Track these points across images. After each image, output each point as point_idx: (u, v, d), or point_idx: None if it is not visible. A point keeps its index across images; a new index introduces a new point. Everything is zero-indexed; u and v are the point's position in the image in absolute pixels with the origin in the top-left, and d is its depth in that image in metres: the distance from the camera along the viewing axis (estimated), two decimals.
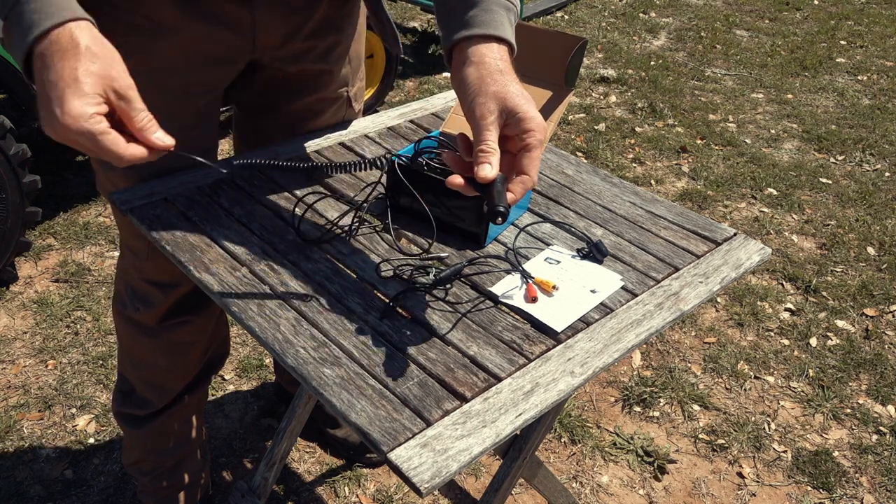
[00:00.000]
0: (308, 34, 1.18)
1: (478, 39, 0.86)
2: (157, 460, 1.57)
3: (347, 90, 1.33)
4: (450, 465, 0.74)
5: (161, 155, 0.82)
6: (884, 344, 2.38)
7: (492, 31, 0.86)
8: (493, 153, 0.81)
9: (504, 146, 0.84)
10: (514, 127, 0.82)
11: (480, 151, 0.81)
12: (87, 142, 0.76)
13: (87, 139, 0.76)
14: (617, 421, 2.08)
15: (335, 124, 1.35)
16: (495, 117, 0.82)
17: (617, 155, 3.43)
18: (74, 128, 0.75)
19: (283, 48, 1.17)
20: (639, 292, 1.00)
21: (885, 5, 5.80)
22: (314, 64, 1.23)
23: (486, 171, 0.80)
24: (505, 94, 0.82)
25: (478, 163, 0.80)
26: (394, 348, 0.88)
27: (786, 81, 4.34)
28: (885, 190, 3.26)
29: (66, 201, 2.83)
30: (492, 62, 0.85)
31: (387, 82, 3.48)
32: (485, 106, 0.82)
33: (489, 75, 0.83)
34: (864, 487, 1.92)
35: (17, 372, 2.10)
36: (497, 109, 0.82)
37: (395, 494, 1.83)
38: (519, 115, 0.82)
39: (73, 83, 0.75)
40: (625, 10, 5.37)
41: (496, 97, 0.82)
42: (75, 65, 0.75)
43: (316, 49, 1.21)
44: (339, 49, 1.25)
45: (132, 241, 1.28)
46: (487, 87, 0.83)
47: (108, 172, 1.19)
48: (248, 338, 2.26)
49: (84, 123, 0.75)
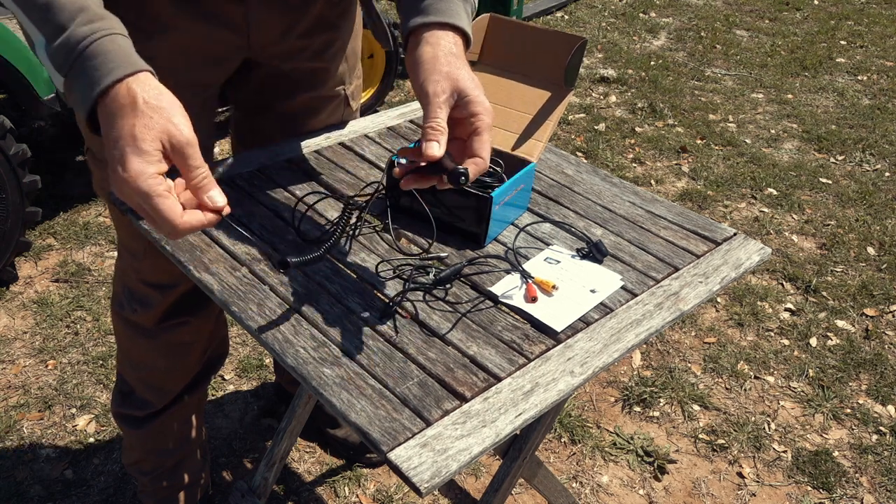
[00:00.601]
0: (303, 32, 1.18)
1: (434, 26, 0.88)
2: (156, 460, 1.57)
3: (344, 88, 1.33)
4: (449, 465, 0.74)
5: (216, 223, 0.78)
6: (884, 344, 2.38)
7: (448, 19, 0.88)
8: (442, 132, 0.82)
9: (454, 131, 0.84)
10: (463, 109, 0.83)
11: (429, 128, 0.82)
12: (145, 202, 0.73)
13: (144, 199, 0.73)
14: (617, 421, 2.08)
15: (333, 123, 1.35)
16: (447, 97, 0.83)
17: (617, 155, 3.43)
18: (134, 186, 0.73)
19: (278, 46, 1.17)
20: (639, 292, 1.00)
21: (885, 5, 5.80)
22: (310, 62, 1.23)
23: (434, 148, 0.81)
24: (457, 76, 0.83)
25: (426, 139, 0.81)
26: (394, 348, 0.88)
27: (786, 81, 4.34)
28: (885, 190, 3.26)
29: (66, 201, 2.83)
30: (446, 45, 0.86)
31: (387, 82, 3.49)
32: (438, 84, 0.83)
33: (443, 56, 0.85)
34: (864, 487, 1.92)
35: (17, 372, 2.10)
36: (449, 89, 0.83)
37: (395, 494, 1.83)
38: (468, 97, 0.83)
39: (132, 140, 0.73)
40: (625, 10, 5.37)
41: (448, 77, 0.83)
42: (133, 121, 0.74)
43: (311, 47, 1.21)
44: (335, 47, 1.25)
45: (130, 241, 1.28)
46: (441, 66, 0.84)
47: (103, 172, 1.19)
48: (248, 338, 2.26)
49: (142, 182, 0.73)
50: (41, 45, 0.78)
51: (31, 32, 0.79)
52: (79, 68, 0.75)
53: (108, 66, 0.75)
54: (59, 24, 0.76)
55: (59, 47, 0.76)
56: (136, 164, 0.73)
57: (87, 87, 0.75)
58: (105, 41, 0.76)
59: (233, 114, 1.40)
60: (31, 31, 0.79)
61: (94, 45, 0.75)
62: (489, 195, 1.02)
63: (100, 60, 0.75)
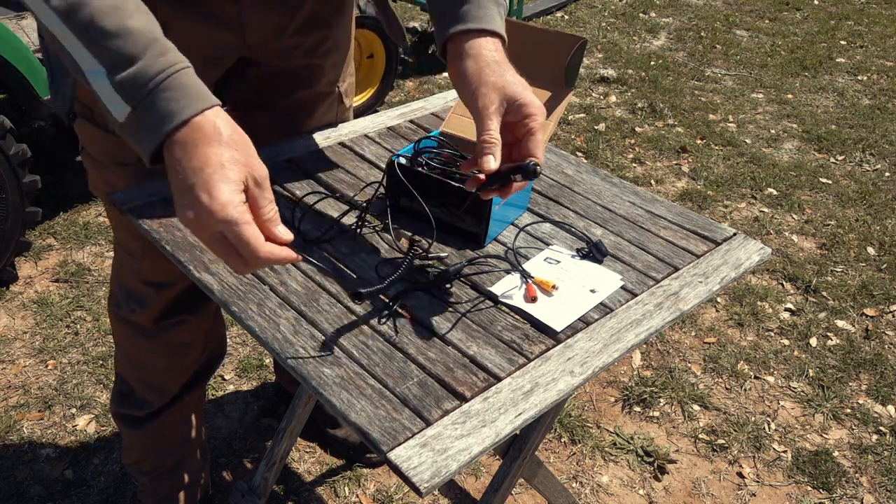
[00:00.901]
0: (296, 30, 1.19)
1: (473, 34, 0.90)
2: (156, 460, 1.57)
3: (338, 85, 1.34)
4: (449, 465, 0.74)
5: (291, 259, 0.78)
6: (884, 344, 2.38)
7: (485, 25, 0.90)
8: (496, 144, 0.85)
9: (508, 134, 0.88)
10: (516, 113, 0.86)
11: (483, 142, 0.85)
12: (230, 229, 0.73)
13: (230, 226, 0.73)
14: (617, 421, 2.08)
15: (329, 121, 1.35)
16: (496, 107, 0.86)
17: (617, 155, 3.43)
18: (221, 215, 0.73)
19: (272, 44, 1.18)
20: (638, 292, 1.00)
21: (885, 5, 5.80)
22: (304, 59, 1.24)
23: (490, 162, 0.85)
24: (503, 83, 0.86)
25: (482, 154, 0.85)
26: (394, 348, 0.88)
27: (786, 81, 4.34)
28: (885, 190, 3.26)
29: (66, 201, 2.83)
30: (488, 54, 0.88)
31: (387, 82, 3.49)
32: (486, 97, 0.86)
33: (487, 67, 0.87)
34: (864, 487, 1.92)
35: (17, 372, 2.10)
36: (497, 100, 0.86)
37: (395, 494, 1.83)
38: (519, 101, 0.86)
39: (219, 169, 0.74)
40: (625, 10, 5.37)
41: (495, 87, 0.86)
42: (220, 151, 0.75)
43: (305, 44, 1.22)
44: (328, 44, 1.26)
45: (128, 241, 1.28)
46: (486, 78, 0.87)
47: (100, 172, 1.19)
48: (248, 338, 2.26)
49: (232, 210, 0.73)
50: (98, 74, 0.76)
51: (82, 59, 0.77)
52: (152, 99, 0.75)
53: (186, 98, 0.76)
54: (130, 55, 0.75)
55: (129, 78, 0.75)
56: (226, 193, 0.73)
57: (162, 118, 0.75)
58: (181, 75, 0.77)
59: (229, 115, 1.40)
60: (82, 59, 0.77)
61: (170, 78, 0.76)
62: None
63: (177, 93, 0.76)
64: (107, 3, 0.76)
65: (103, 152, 1.16)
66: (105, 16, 0.76)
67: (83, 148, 1.20)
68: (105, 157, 1.16)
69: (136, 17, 0.77)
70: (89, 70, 0.77)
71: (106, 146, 1.15)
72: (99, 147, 1.16)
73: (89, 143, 1.18)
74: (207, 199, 0.73)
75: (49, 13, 0.76)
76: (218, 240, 0.75)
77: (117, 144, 1.14)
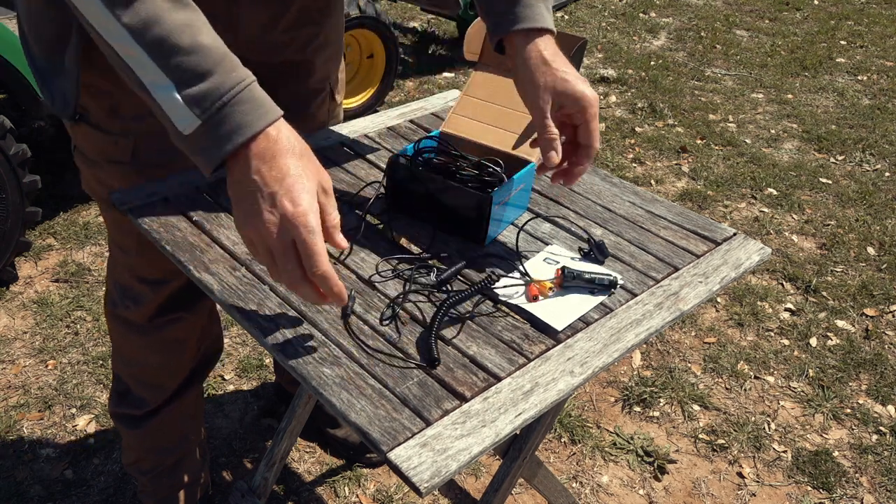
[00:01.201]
0: (286, 26, 1.19)
1: (526, 33, 0.98)
2: (156, 459, 1.57)
3: (329, 82, 1.34)
4: (449, 465, 0.74)
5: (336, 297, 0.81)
6: (884, 344, 2.38)
7: (537, 24, 0.98)
8: (556, 139, 0.96)
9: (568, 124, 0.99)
10: (572, 105, 0.96)
11: (546, 139, 0.96)
12: (305, 238, 0.76)
13: (306, 235, 0.76)
14: (617, 421, 2.08)
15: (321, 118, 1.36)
16: (550, 106, 0.96)
17: (617, 155, 3.43)
18: (302, 220, 0.76)
19: (263, 40, 1.18)
20: (638, 292, 1.00)
21: (885, 5, 5.80)
22: (295, 55, 1.24)
23: (554, 157, 0.97)
24: (554, 82, 0.96)
25: (546, 151, 0.97)
26: (394, 348, 0.88)
27: (786, 81, 4.34)
28: (885, 190, 3.26)
29: (66, 201, 2.84)
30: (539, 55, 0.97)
31: (387, 82, 3.48)
32: (541, 99, 0.96)
33: (538, 68, 0.97)
34: (864, 487, 1.92)
35: (17, 372, 2.10)
36: (551, 99, 0.96)
37: (395, 494, 1.83)
38: (573, 95, 0.95)
39: (299, 179, 0.78)
40: (625, 10, 5.37)
41: (548, 88, 0.96)
42: (296, 161, 0.79)
43: (296, 41, 1.23)
44: (318, 41, 1.27)
45: (121, 237, 1.28)
46: (538, 79, 0.96)
47: (94, 171, 1.19)
48: (248, 338, 2.26)
49: (312, 217, 0.77)
50: (164, 89, 0.78)
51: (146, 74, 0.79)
52: (226, 113, 0.78)
53: (258, 111, 0.79)
54: (203, 71, 0.78)
55: (202, 93, 0.78)
56: (308, 201, 0.77)
57: (234, 130, 0.78)
58: (251, 88, 0.80)
59: None
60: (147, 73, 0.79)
61: (243, 92, 0.79)
62: (489, 194, 1.02)
63: (249, 106, 0.79)
64: (179, 20, 0.78)
65: (97, 151, 1.16)
66: (179, 33, 0.78)
67: (76, 147, 1.20)
68: (98, 156, 1.16)
69: (206, 34, 0.80)
70: (154, 84, 0.79)
71: (99, 145, 1.15)
72: (92, 146, 1.16)
73: (82, 142, 1.18)
74: (291, 207, 0.76)
75: (119, 30, 0.77)
76: (286, 247, 0.77)
77: (110, 143, 1.14)
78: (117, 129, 1.12)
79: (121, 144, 1.14)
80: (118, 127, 1.12)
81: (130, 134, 1.13)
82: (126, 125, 1.12)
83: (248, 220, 0.79)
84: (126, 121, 1.11)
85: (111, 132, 1.12)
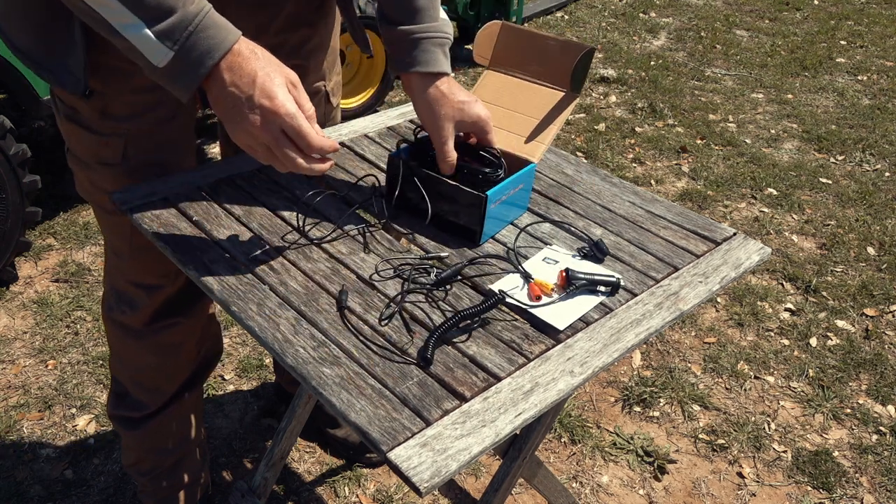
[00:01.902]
0: (279, 29, 1.20)
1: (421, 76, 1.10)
2: (155, 460, 1.57)
3: (324, 84, 1.34)
4: (449, 465, 0.74)
5: (334, 149, 0.91)
6: (884, 344, 2.38)
7: (434, 69, 1.09)
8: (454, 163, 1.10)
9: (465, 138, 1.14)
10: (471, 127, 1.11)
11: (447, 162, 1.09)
12: (290, 123, 0.87)
13: (291, 120, 0.87)
14: (617, 421, 2.08)
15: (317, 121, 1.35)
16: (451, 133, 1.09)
17: (617, 155, 3.43)
18: (283, 110, 0.87)
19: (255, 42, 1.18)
20: (638, 292, 1.00)
21: (885, 5, 5.80)
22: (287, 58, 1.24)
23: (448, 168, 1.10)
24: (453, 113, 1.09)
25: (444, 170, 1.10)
26: (394, 348, 0.88)
27: (786, 81, 4.34)
28: (885, 190, 3.26)
29: (66, 201, 2.84)
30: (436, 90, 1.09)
31: (387, 82, 3.48)
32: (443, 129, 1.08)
33: (437, 101, 1.09)
34: (864, 487, 1.92)
35: (17, 372, 2.10)
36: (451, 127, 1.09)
37: (395, 494, 1.83)
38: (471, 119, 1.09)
39: (268, 78, 0.88)
40: (625, 10, 5.37)
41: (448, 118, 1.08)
42: (262, 65, 0.89)
43: (288, 43, 1.23)
44: (312, 43, 1.27)
45: (115, 242, 1.28)
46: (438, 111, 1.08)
47: (86, 172, 1.19)
48: (248, 338, 2.26)
49: (291, 105, 0.87)
50: (134, 27, 0.86)
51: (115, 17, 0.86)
52: (194, 40, 0.87)
53: (222, 33, 0.88)
54: (169, 7, 0.86)
55: (171, 25, 0.86)
56: (283, 93, 0.88)
57: (204, 54, 0.87)
58: (212, 14, 0.88)
59: None
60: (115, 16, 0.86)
61: (206, 18, 0.87)
62: (484, 194, 1.02)
63: (213, 31, 0.88)
64: None
65: (88, 153, 1.16)
66: None
67: (69, 149, 1.21)
68: (90, 158, 1.16)
69: None
70: (124, 25, 0.86)
71: (91, 147, 1.15)
72: (84, 148, 1.16)
73: (75, 143, 1.18)
74: (269, 102, 0.87)
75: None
76: (277, 137, 0.88)
77: (101, 145, 1.14)
78: (108, 131, 1.13)
79: (111, 145, 1.14)
80: (108, 128, 1.12)
81: (121, 135, 1.13)
82: (116, 126, 1.12)
83: (236, 127, 0.89)
84: (116, 121, 1.12)
85: (102, 133, 1.13)
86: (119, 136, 1.13)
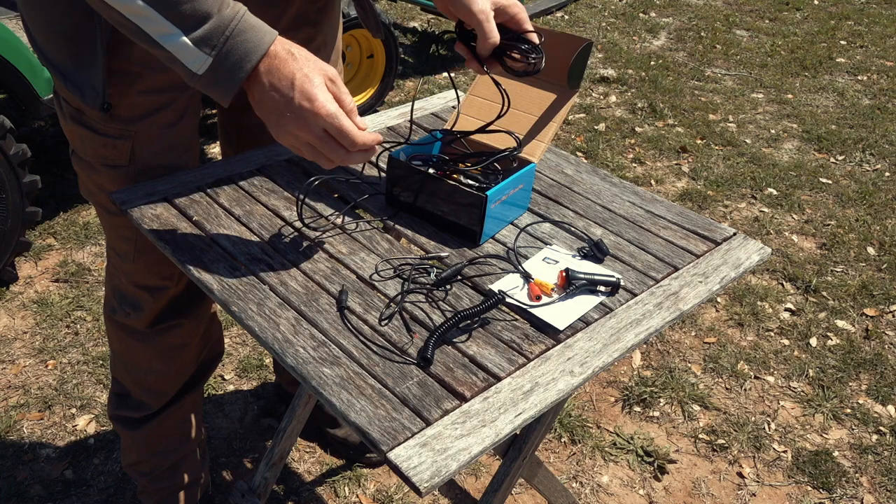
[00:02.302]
0: (283, 28, 1.19)
1: None
2: (155, 461, 1.57)
3: None
4: (449, 465, 0.74)
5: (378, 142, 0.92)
6: (884, 344, 2.38)
7: None
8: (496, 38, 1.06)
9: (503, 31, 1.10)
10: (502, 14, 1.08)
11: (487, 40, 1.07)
12: (332, 123, 0.87)
13: (332, 120, 0.87)
14: (617, 421, 2.08)
15: None
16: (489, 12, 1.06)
17: (617, 155, 3.43)
18: (324, 111, 0.87)
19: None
20: (638, 292, 1.00)
21: (885, 5, 5.80)
22: None
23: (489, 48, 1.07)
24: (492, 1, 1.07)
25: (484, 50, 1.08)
26: (394, 348, 0.88)
27: (786, 81, 4.34)
28: (885, 190, 3.26)
29: (66, 201, 2.83)
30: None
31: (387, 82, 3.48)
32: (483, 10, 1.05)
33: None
34: (864, 487, 1.92)
35: (17, 372, 2.10)
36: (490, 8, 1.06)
37: (395, 494, 1.83)
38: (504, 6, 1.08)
39: (307, 79, 0.88)
40: (625, 10, 5.37)
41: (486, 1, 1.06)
42: (300, 66, 0.89)
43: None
44: (316, 43, 1.27)
45: (118, 243, 1.28)
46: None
47: (90, 174, 1.19)
48: (248, 338, 2.26)
49: (332, 105, 0.88)
50: (172, 37, 0.87)
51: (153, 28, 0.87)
52: (231, 45, 0.88)
53: (258, 35, 0.89)
54: (204, 13, 0.87)
55: (209, 32, 0.87)
56: (323, 93, 0.88)
57: (242, 58, 0.88)
58: (247, 16, 0.89)
59: (218, 114, 1.40)
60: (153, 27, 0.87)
61: (241, 21, 0.88)
62: (484, 194, 1.02)
63: (250, 34, 0.88)
64: None
65: (93, 155, 1.16)
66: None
67: (73, 151, 1.20)
68: (96, 160, 1.16)
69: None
70: (163, 35, 0.87)
71: (95, 149, 1.14)
72: (88, 149, 1.16)
73: (79, 145, 1.17)
74: (309, 104, 0.87)
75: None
76: (320, 137, 0.89)
77: (108, 146, 1.14)
78: (114, 132, 1.12)
79: (118, 147, 1.13)
80: (115, 130, 1.12)
81: (127, 137, 1.12)
82: (123, 128, 1.12)
83: (280, 129, 0.90)
84: (123, 123, 1.11)
85: (108, 135, 1.12)
86: (126, 138, 1.13)
